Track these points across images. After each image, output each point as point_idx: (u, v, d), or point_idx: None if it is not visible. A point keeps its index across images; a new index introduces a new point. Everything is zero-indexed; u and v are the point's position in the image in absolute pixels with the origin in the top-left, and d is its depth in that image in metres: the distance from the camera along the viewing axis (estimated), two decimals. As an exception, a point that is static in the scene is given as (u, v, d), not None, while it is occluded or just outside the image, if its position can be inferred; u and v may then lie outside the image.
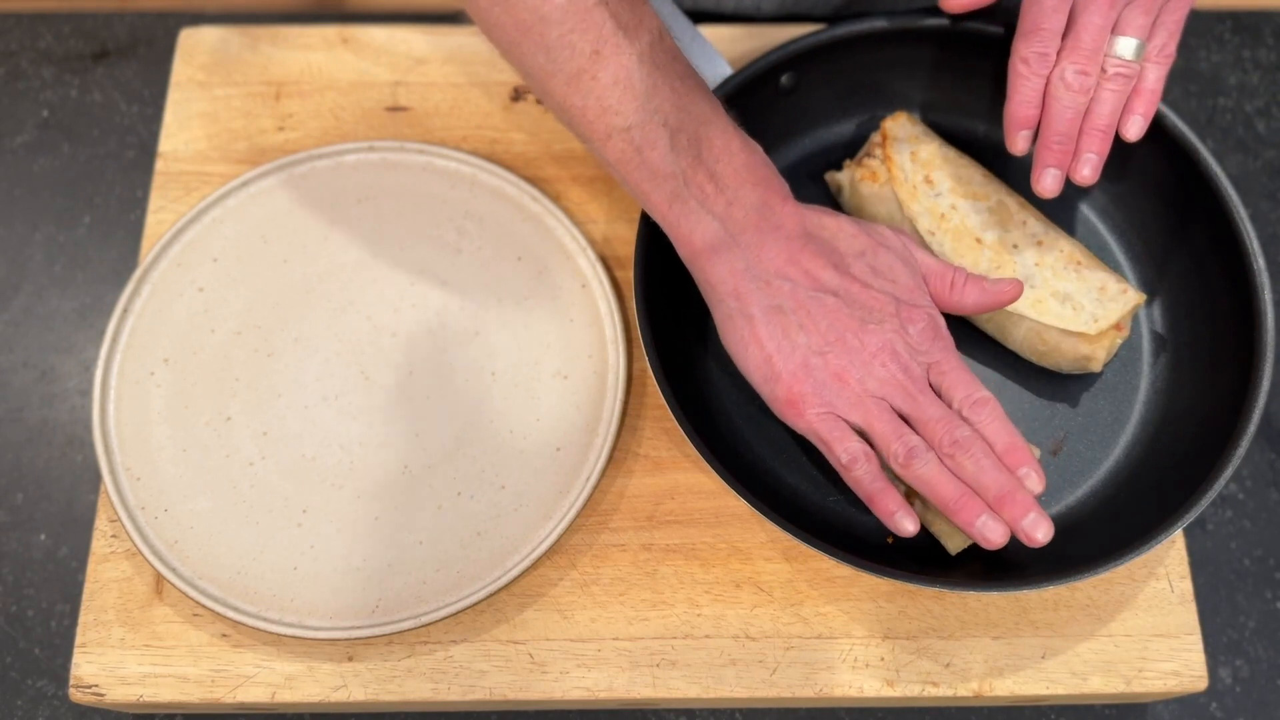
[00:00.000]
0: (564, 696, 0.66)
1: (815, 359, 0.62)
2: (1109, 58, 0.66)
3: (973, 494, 0.61)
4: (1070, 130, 0.66)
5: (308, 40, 0.84)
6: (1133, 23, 0.65)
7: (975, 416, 0.63)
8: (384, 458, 0.71)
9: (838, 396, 0.62)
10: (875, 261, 0.64)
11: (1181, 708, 0.70)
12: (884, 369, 0.62)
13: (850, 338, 0.62)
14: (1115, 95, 0.66)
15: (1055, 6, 0.66)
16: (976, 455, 0.61)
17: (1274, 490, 0.75)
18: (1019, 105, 0.67)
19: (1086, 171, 0.67)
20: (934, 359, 0.63)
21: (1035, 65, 0.66)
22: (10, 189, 0.84)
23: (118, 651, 0.67)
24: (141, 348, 0.73)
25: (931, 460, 0.62)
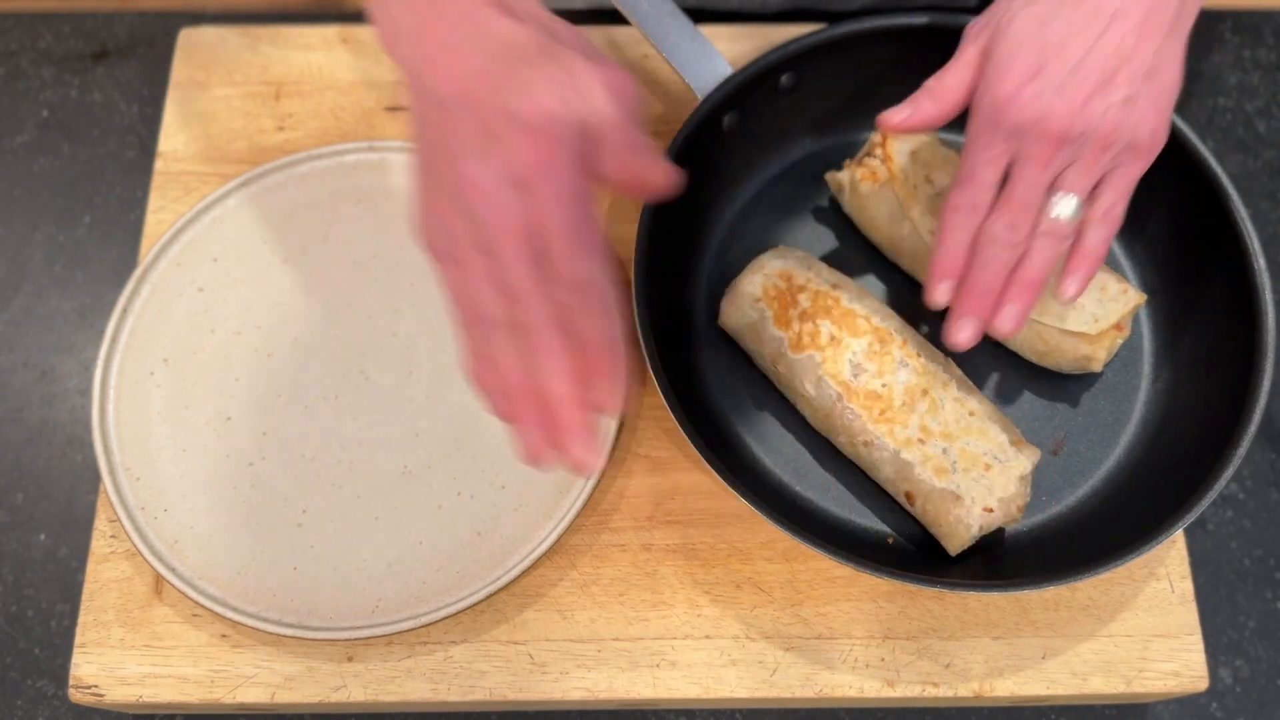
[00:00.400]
0: (564, 697, 0.66)
1: (424, 184, 0.53)
2: (1044, 215, 0.62)
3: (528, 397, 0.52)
4: (994, 284, 0.63)
5: (308, 40, 0.84)
6: (1073, 181, 0.61)
7: (562, 299, 0.51)
8: (384, 458, 0.71)
9: (443, 236, 0.52)
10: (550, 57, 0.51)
11: (1181, 708, 0.70)
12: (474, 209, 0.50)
13: (446, 158, 0.51)
14: (1047, 252, 0.63)
15: (992, 158, 0.61)
16: (547, 360, 0.51)
17: (1274, 490, 0.75)
18: (945, 255, 0.64)
19: (1008, 325, 0.64)
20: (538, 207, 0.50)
21: (966, 215, 0.63)
22: (10, 189, 0.84)
23: (118, 652, 0.67)
24: (141, 348, 0.73)
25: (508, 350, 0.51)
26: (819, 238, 0.77)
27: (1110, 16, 0.59)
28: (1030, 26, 0.60)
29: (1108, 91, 0.59)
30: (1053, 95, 0.59)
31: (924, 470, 0.65)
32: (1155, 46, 0.59)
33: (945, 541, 0.66)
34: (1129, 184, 0.63)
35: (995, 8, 0.63)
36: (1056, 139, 0.60)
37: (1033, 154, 0.60)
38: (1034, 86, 0.59)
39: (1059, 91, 0.59)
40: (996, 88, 0.60)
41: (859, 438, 0.67)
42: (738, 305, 0.70)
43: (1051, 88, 0.59)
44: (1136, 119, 0.60)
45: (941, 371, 0.68)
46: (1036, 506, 0.69)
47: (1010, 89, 0.60)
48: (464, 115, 0.50)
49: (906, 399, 0.67)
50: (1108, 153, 0.61)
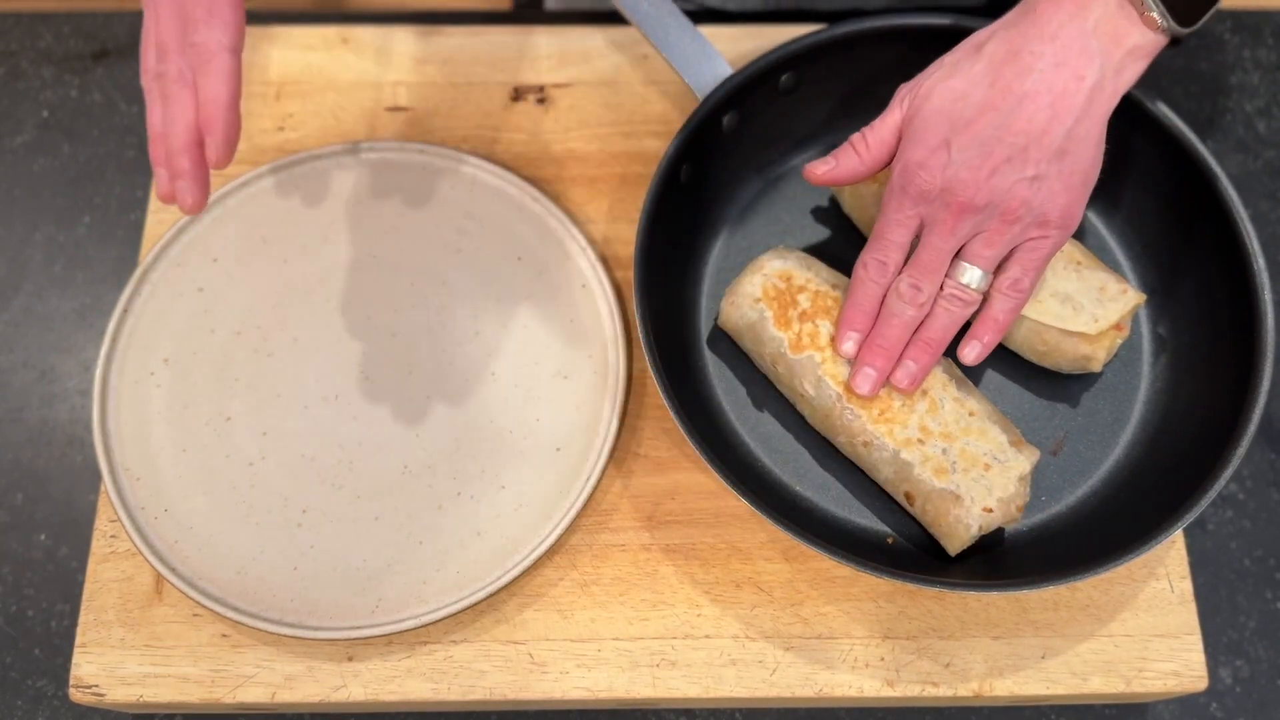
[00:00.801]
0: (564, 696, 0.66)
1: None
2: (949, 279, 0.65)
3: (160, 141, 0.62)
4: (897, 338, 0.66)
5: (308, 40, 0.84)
6: (978, 253, 0.64)
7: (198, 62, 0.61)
8: (384, 458, 0.71)
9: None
10: None
11: (1181, 708, 0.70)
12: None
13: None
14: (949, 315, 0.66)
15: (902, 220, 0.65)
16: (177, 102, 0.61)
17: (1274, 490, 0.75)
18: (853, 308, 0.67)
19: (904, 382, 0.67)
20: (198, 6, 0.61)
21: (873, 272, 0.66)
22: (10, 189, 0.84)
23: (118, 651, 0.67)
24: (141, 348, 0.73)
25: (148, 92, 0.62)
26: (819, 238, 0.77)
27: (1020, 97, 0.62)
28: (945, 100, 0.63)
29: (1015, 167, 0.62)
30: (959, 166, 0.62)
31: (923, 470, 0.65)
32: (1066, 128, 0.62)
33: (945, 541, 0.66)
34: (1039, 259, 0.65)
35: (922, 75, 0.66)
36: (960, 208, 0.63)
37: (939, 220, 0.64)
38: (942, 156, 0.63)
39: (965, 163, 0.62)
40: (909, 154, 0.64)
41: (858, 438, 0.67)
42: (737, 305, 0.70)
43: (959, 159, 0.62)
44: (1044, 196, 0.63)
45: (941, 371, 0.68)
46: (1036, 506, 0.69)
47: (920, 157, 0.63)
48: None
49: (906, 399, 0.67)
50: (1014, 226, 0.63)
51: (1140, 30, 0.62)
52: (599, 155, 0.80)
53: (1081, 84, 0.61)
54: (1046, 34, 0.62)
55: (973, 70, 0.63)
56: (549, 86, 0.82)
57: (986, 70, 0.63)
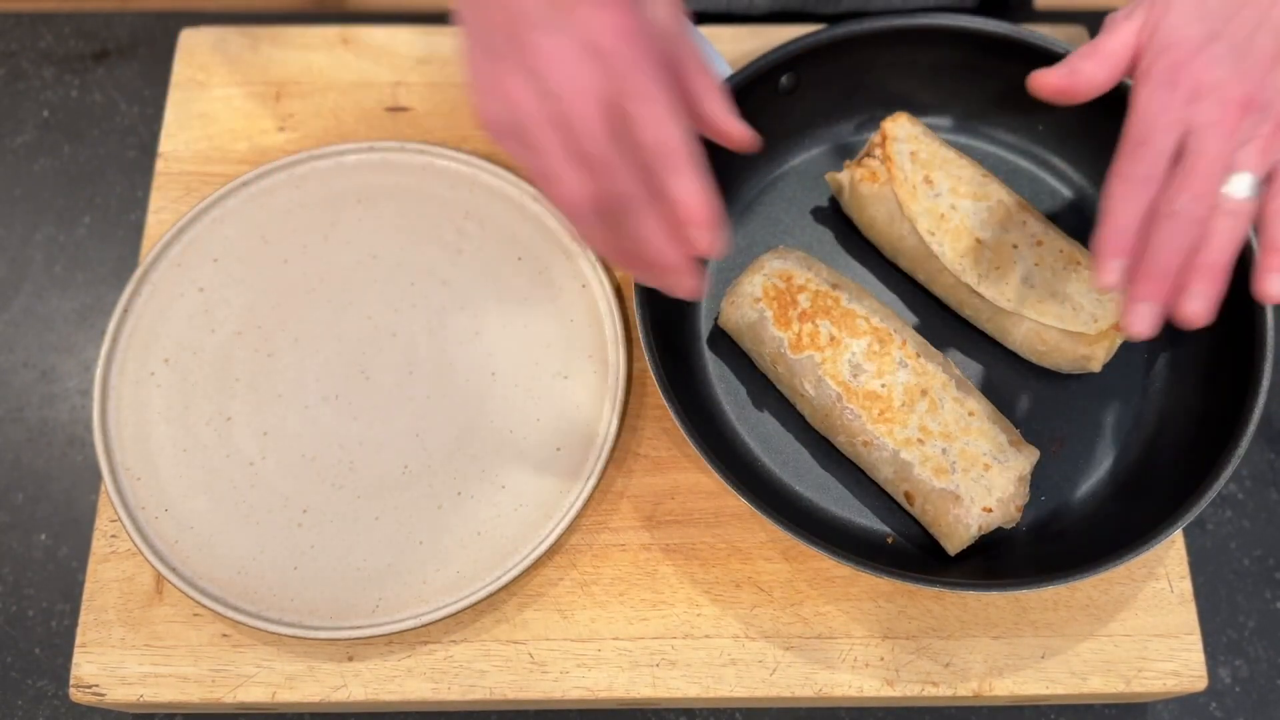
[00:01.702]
0: (564, 696, 0.66)
1: (485, 65, 0.52)
2: (1222, 194, 0.57)
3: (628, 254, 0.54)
4: (1174, 264, 0.57)
5: (308, 40, 0.84)
6: (1249, 160, 0.57)
7: (651, 163, 0.51)
8: (384, 458, 0.71)
9: (510, 114, 0.52)
10: None
11: (1181, 708, 0.70)
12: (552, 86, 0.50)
13: (517, 37, 0.50)
14: (1230, 231, 0.57)
15: (1169, 124, 0.57)
16: (633, 218, 0.52)
17: (1274, 490, 0.75)
18: (1115, 230, 0.57)
19: (1197, 307, 0.57)
20: (627, 81, 0.49)
21: (1139, 187, 0.57)
22: (10, 189, 0.84)
23: (118, 651, 0.67)
24: (141, 348, 0.73)
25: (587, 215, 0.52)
26: (819, 238, 0.77)
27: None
28: (1193, 2, 0.58)
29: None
30: (1234, 60, 0.56)
31: (923, 470, 0.65)
32: None
33: (944, 541, 0.66)
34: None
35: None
36: (1240, 105, 0.56)
37: (1215, 122, 0.56)
38: (1213, 50, 0.56)
39: (1239, 57, 0.56)
40: (1172, 52, 0.57)
41: (858, 438, 0.67)
42: (738, 305, 0.70)
43: (1232, 54, 0.56)
44: None
45: (941, 372, 0.68)
46: (1036, 506, 0.69)
47: (1188, 51, 0.56)
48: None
49: (906, 399, 0.67)
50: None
51: None
52: (599, 155, 0.80)
53: None
54: None
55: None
56: (549, 87, 0.82)
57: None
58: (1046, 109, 0.77)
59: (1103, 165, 0.77)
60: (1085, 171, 0.78)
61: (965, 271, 0.71)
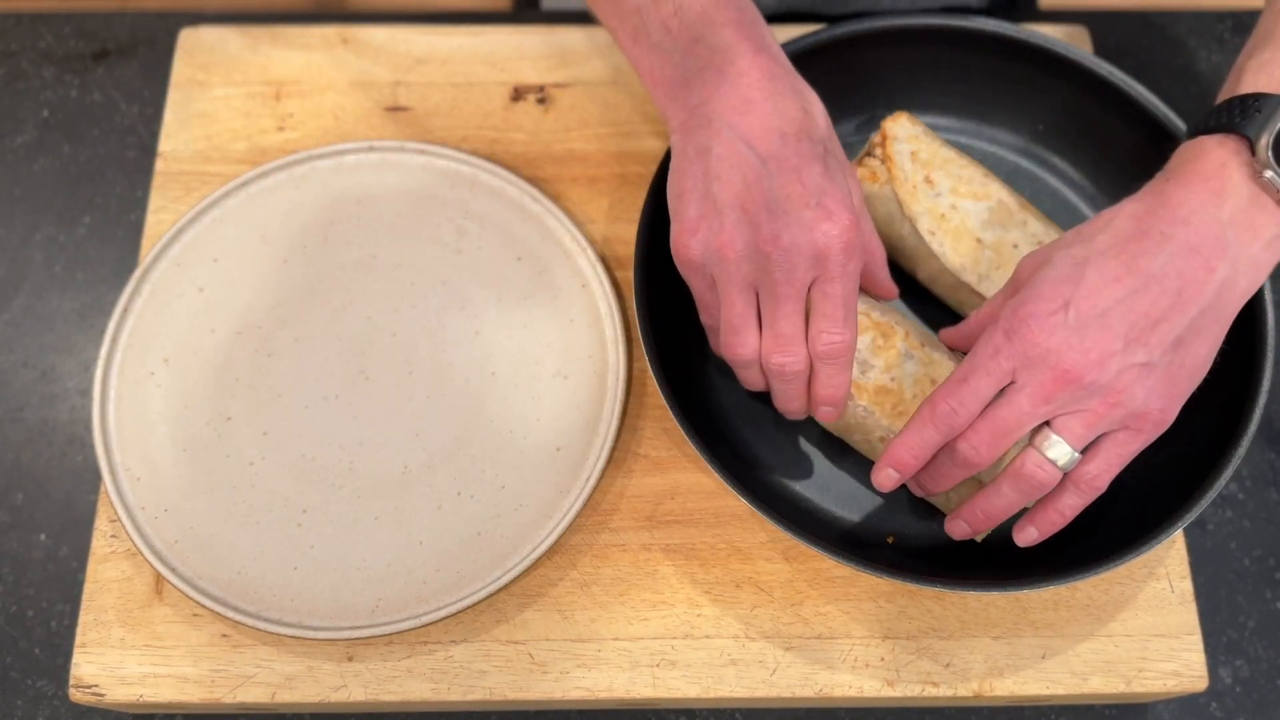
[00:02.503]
0: (564, 696, 0.66)
1: (713, 218, 0.60)
2: (1033, 450, 0.59)
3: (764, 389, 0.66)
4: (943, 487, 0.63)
5: (308, 40, 0.84)
6: (1071, 429, 0.58)
7: (824, 355, 0.61)
8: (384, 458, 0.71)
9: (717, 265, 0.61)
10: (831, 146, 0.61)
11: (1181, 708, 0.70)
12: (767, 261, 0.59)
13: (753, 215, 0.59)
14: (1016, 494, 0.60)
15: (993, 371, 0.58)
16: (789, 384, 0.63)
17: (1274, 490, 0.75)
18: (904, 448, 0.61)
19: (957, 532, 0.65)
20: (826, 274, 0.60)
21: (942, 419, 0.60)
22: (10, 189, 0.84)
23: (118, 651, 0.67)
24: (141, 348, 0.73)
25: (753, 364, 0.63)
26: (819, 238, 0.77)
27: (1146, 277, 0.57)
28: (1067, 266, 0.58)
29: (1130, 350, 0.57)
30: (1074, 333, 0.57)
31: None
32: (1189, 318, 0.57)
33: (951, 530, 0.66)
34: (1124, 456, 0.59)
35: (1040, 249, 0.62)
36: (1063, 376, 0.57)
37: (1035, 383, 0.57)
38: (1060, 317, 0.57)
39: (1081, 331, 0.57)
40: (1024, 306, 0.58)
41: (874, 434, 0.67)
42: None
43: (1077, 325, 0.57)
44: (1148, 389, 0.57)
45: (947, 359, 0.68)
46: (1036, 506, 0.69)
47: (1036, 310, 0.57)
48: (790, 183, 0.59)
49: (917, 390, 0.67)
50: (1114, 411, 0.58)
51: (1277, 219, 0.57)
52: (599, 155, 0.80)
53: (1212, 275, 0.57)
54: (1179, 218, 0.57)
55: (1098, 241, 0.58)
56: (549, 86, 0.82)
57: (1113, 244, 0.58)
58: (1046, 109, 0.78)
59: (1103, 165, 0.77)
60: (1085, 171, 0.78)
61: (965, 271, 0.70)
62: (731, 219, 0.59)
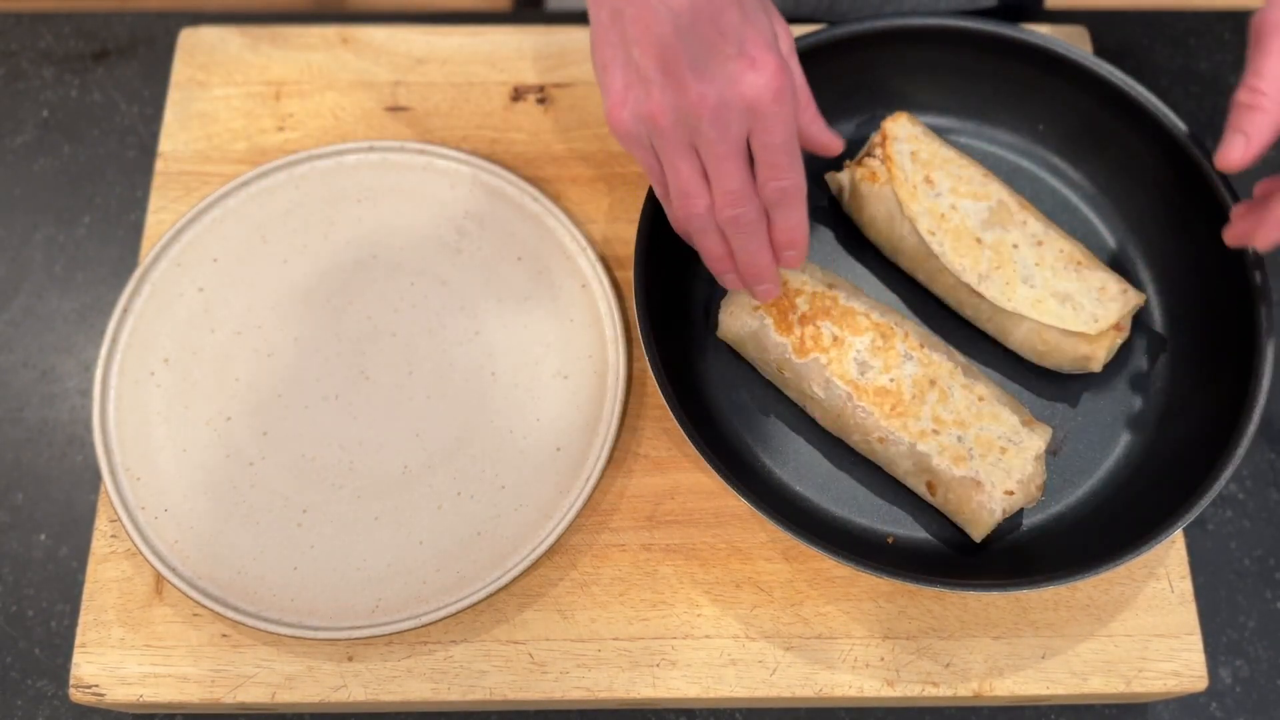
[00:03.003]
0: (564, 696, 0.66)
1: (639, 86, 0.58)
2: None
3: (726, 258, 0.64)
4: None
5: (308, 40, 0.84)
6: None
7: (775, 200, 0.61)
8: (384, 458, 0.71)
9: (653, 134, 0.59)
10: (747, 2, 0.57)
11: (1181, 708, 0.70)
12: (699, 122, 0.58)
13: (679, 76, 0.57)
14: None
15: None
16: (748, 238, 0.62)
17: (1274, 490, 0.75)
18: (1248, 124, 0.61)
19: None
20: (761, 124, 0.58)
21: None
22: (10, 189, 0.84)
23: (118, 651, 0.67)
24: (141, 348, 0.73)
25: (710, 227, 0.62)
26: (819, 238, 0.77)
27: None
28: None
29: None
30: None
31: (942, 460, 0.65)
32: None
33: (969, 528, 0.66)
34: None
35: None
36: None
37: None
38: None
39: None
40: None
41: (873, 435, 0.67)
42: (736, 315, 0.70)
43: None
44: None
45: (945, 360, 0.68)
46: (1037, 507, 0.69)
47: None
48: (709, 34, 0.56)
49: (916, 391, 0.67)
50: None
51: None
52: (599, 155, 0.80)
53: None
54: None
55: None
56: (549, 86, 0.82)
57: None
58: (1046, 109, 0.78)
59: (1103, 165, 0.77)
60: (1085, 171, 0.78)
61: (965, 271, 0.70)
62: (657, 84, 0.57)
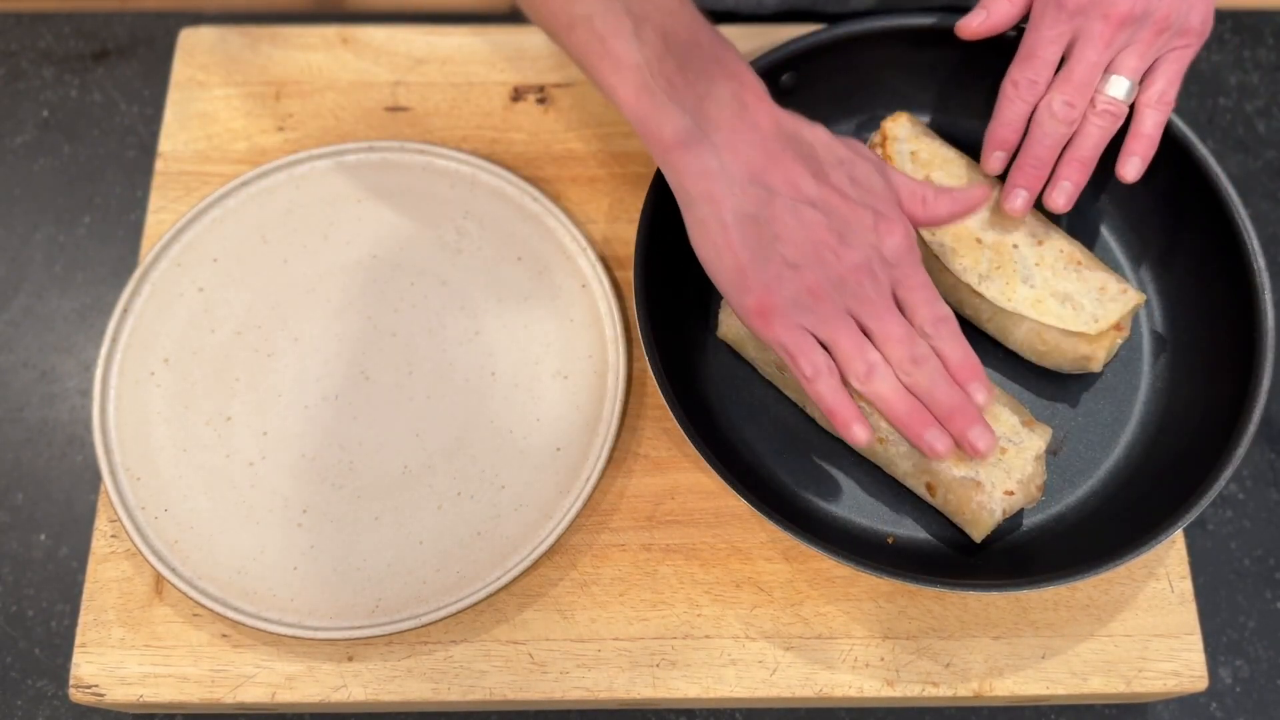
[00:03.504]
0: (564, 696, 0.66)
1: (789, 272, 0.61)
2: (1099, 94, 0.67)
3: (923, 409, 0.63)
4: (1047, 157, 0.68)
5: (308, 40, 0.84)
6: (1126, 64, 0.66)
7: (934, 332, 0.63)
8: (384, 458, 0.71)
9: (808, 312, 0.62)
10: (854, 171, 0.63)
11: (1181, 708, 0.70)
12: (857, 286, 0.62)
13: (827, 253, 0.61)
14: (1100, 131, 0.67)
15: (1053, 38, 0.66)
16: (930, 372, 0.62)
17: (1274, 490, 0.75)
18: (1001, 126, 0.69)
19: (1060, 200, 0.68)
20: (903, 274, 0.63)
21: (1024, 90, 0.67)
22: (10, 189, 0.84)
23: (118, 651, 0.67)
24: (141, 348, 0.73)
25: (889, 377, 0.62)
26: (819, 238, 0.77)
27: None
28: None
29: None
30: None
31: (941, 460, 0.65)
32: None
33: (969, 529, 0.66)
34: (1179, 70, 0.67)
35: None
36: (1119, 19, 0.64)
37: (1095, 33, 0.65)
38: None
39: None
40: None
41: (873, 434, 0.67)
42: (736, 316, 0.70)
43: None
44: (1188, 4, 0.65)
45: None
46: (1037, 507, 0.69)
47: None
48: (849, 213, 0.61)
49: None
50: (1161, 36, 0.65)
51: None
52: (599, 155, 0.80)
53: None
54: None
55: None
56: (549, 86, 0.82)
57: None
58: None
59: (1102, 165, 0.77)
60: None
61: (966, 271, 0.70)
62: (808, 266, 0.61)
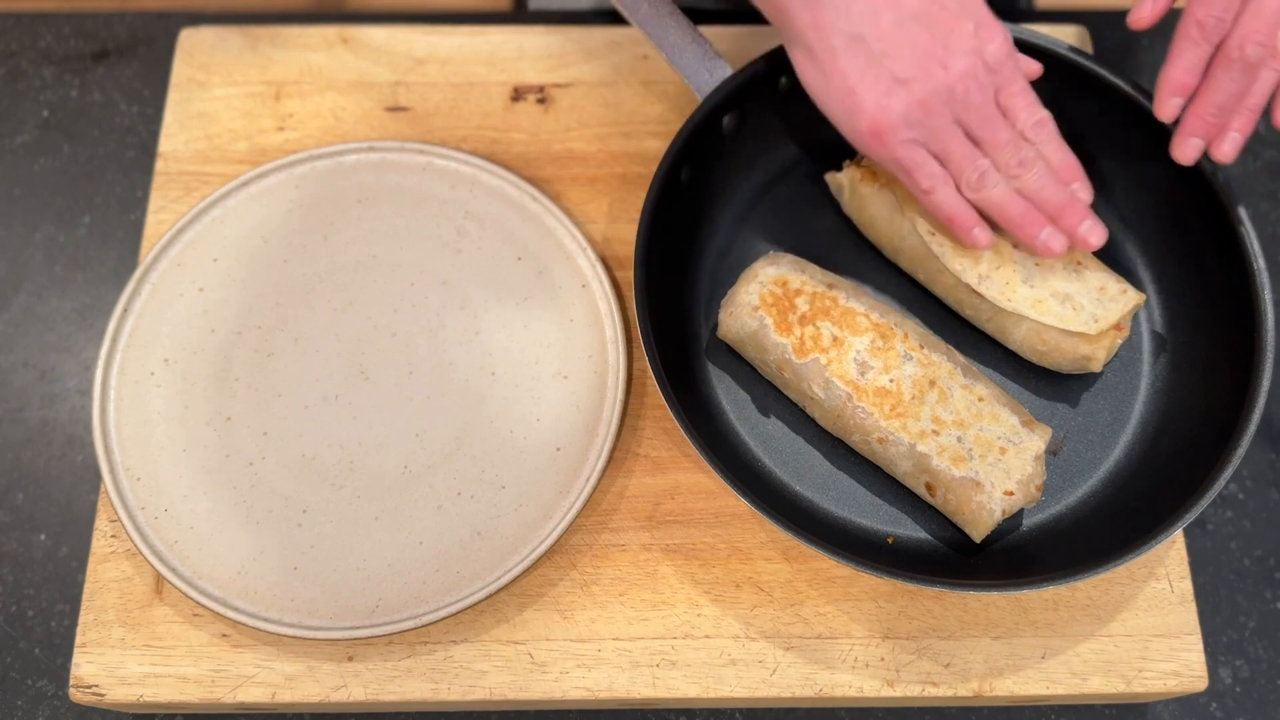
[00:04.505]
0: (564, 696, 0.66)
1: (899, 89, 0.63)
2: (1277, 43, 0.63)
3: (1035, 211, 0.66)
4: (1231, 106, 0.65)
5: (308, 40, 0.84)
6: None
7: (1037, 136, 0.65)
8: (384, 458, 0.71)
9: (920, 126, 0.64)
10: None
11: (1181, 708, 0.70)
12: (965, 95, 0.64)
13: (934, 65, 0.63)
14: (1273, 81, 0.63)
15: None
16: (1038, 174, 0.65)
17: (1274, 490, 0.75)
18: (1180, 70, 0.65)
19: (1229, 150, 0.66)
20: (1004, 79, 0.65)
21: (1210, 31, 0.63)
22: (10, 189, 0.84)
23: (118, 651, 0.67)
24: (141, 348, 0.73)
25: (1000, 182, 0.65)
26: (819, 238, 0.77)
27: None
28: None
29: None
30: None
31: (941, 460, 0.65)
32: None
33: (969, 529, 0.66)
34: None
35: None
36: None
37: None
38: None
39: None
40: None
41: (873, 435, 0.67)
42: (736, 316, 0.70)
43: None
44: None
45: (945, 360, 0.68)
46: (1037, 506, 0.69)
47: None
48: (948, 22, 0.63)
49: (915, 392, 0.67)
50: None
51: None
52: (599, 155, 0.80)
53: None
54: None
55: None
56: (549, 86, 0.82)
57: None
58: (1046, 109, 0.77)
59: (1101, 165, 0.77)
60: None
61: (965, 271, 0.70)
62: (917, 79, 0.63)
